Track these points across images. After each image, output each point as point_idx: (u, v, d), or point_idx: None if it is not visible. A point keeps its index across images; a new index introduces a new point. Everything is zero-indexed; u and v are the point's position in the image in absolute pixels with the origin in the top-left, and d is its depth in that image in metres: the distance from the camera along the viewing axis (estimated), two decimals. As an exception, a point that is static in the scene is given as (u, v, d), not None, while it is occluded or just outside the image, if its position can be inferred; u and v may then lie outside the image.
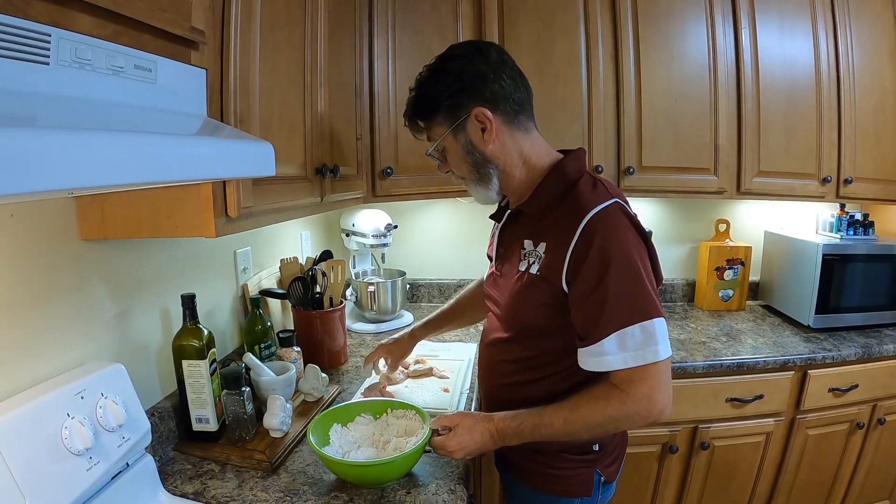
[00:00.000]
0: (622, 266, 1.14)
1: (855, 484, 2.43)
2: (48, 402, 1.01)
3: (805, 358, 2.20)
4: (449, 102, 1.28)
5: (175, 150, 0.77)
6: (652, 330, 1.14)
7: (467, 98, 1.27)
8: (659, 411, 1.16)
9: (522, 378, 1.34)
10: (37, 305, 1.11)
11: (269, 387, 1.57)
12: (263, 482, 1.31)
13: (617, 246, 1.15)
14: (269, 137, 1.28)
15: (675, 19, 2.38)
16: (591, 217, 1.17)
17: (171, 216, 1.15)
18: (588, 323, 1.17)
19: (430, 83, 1.31)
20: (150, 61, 0.89)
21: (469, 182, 1.36)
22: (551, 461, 1.35)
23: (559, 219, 1.23)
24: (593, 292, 1.15)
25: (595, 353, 1.16)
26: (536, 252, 1.27)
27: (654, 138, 2.41)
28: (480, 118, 1.27)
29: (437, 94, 1.29)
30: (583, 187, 1.24)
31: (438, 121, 1.31)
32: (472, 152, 1.31)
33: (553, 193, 1.28)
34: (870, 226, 2.58)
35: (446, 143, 1.32)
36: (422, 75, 1.34)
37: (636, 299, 1.15)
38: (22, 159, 0.52)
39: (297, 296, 1.99)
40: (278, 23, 1.35)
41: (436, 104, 1.30)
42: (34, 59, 0.69)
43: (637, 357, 1.14)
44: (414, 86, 1.35)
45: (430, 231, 2.95)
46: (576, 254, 1.17)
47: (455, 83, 1.27)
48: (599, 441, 1.35)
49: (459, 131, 1.29)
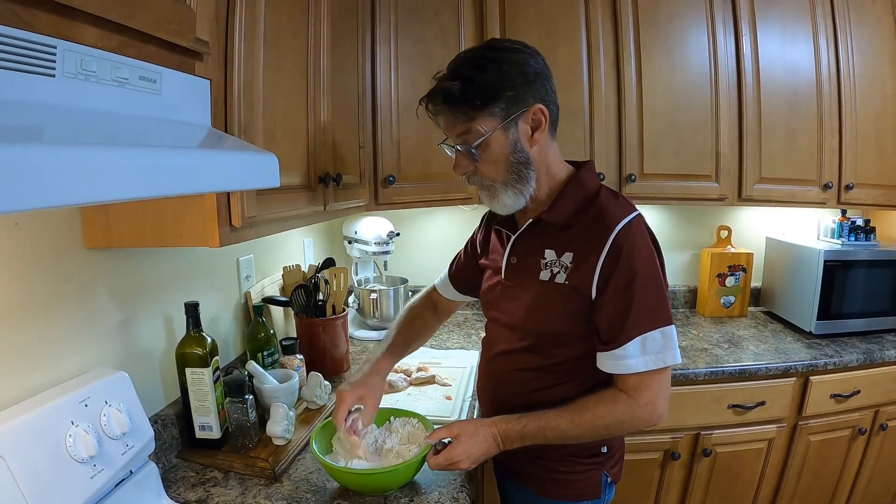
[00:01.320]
0: (647, 275, 1.20)
1: (857, 490, 2.42)
2: (52, 410, 1.01)
3: (807, 364, 2.20)
4: (511, 94, 1.20)
5: (180, 163, 0.77)
6: (671, 335, 1.21)
7: (529, 93, 1.22)
8: (659, 415, 1.23)
9: (538, 385, 1.34)
10: (41, 313, 1.11)
11: (272, 394, 1.57)
12: (267, 490, 1.31)
13: (642, 256, 1.20)
14: (273, 147, 1.29)
15: (677, 26, 2.39)
16: (621, 229, 1.20)
17: (176, 226, 1.16)
18: (613, 328, 1.20)
19: (492, 70, 1.20)
20: (154, 72, 0.90)
21: (500, 185, 1.28)
22: (558, 465, 1.36)
23: (586, 229, 1.24)
24: (620, 299, 1.19)
25: (618, 356, 1.20)
26: (561, 262, 1.26)
27: (656, 145, 2.42)
28: (537, 115, 1.23)
29: (499, 83, 1.19)
30: (605, 199, 1.27)
31: (492, 112, 1.21)
32: (518, 151, 1.25)
33: (575, 204, 1.28)
34: (871, 231, 2.58)
35: (493, 137, 1.22)
36: (473, 62, 1.22)
37: (658, 306, 1.21)
38: (28, 176, 0.53)
39: (299, 303, 1.99)
40: (282, 33, 1.36)
41: (496, 93, 1.20)
42: (40, 72, 0.70)
43: (658, 360, 1.19)
44: (462, 71, 1.22)
45: (433, 238, 2.96)
46: (607, 264, 1.19)
47: (520, 76, 1.20)
48: (607, 443, 1.37)
49: (511, 126, 1.22)
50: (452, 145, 1.30)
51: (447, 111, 1.24)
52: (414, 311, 1.71)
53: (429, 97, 1.26)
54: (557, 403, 1.26)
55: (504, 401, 1.38)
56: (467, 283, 1.64)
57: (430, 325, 1.73)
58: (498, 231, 1.46)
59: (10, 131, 0.61)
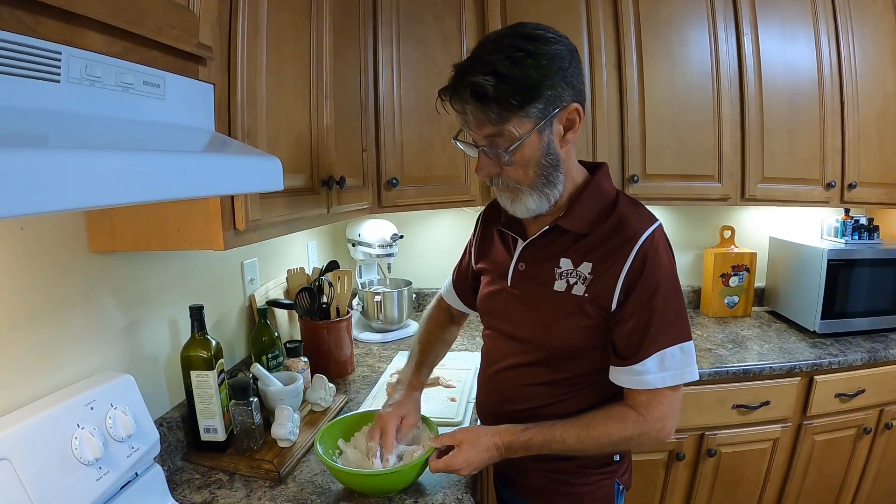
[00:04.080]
0: (668, 289, 1.15)
1: (863, 490, 2.42)
2: (59, 413, 1.02)
3: (811, 363, 2.20)
4: (550, 93, 1.09)
5: (184, 167, 0.78)
6: (690, 351, 1.16)
7: (566, 90, 1.11)
8: (667, 434, 1.19)
9: (546, 400, 1.28)
10: (47, 317, 1.12)
11: (277, 397, 1.57)
12: (272, 492, 1.32)
13: (664, 269, 1.16)
14: (276, 150, 1.30)
15: (678, 27, 2.39)
16: (644, 240, 1.15)
17: (180, 229, 1.17)
18: (632, 343, 1.16)
19: (529, 66, 1.06)
20: (158, 77, 0.91)
21: (526, 188, 1.19)
22: (570, 478, 1.32)
23: (607, 239, 1.18)
24: (641, 314, 1.15)
25: (636, 371, 1.15)
26: (579, 272, 1.19)
27: (658, 146, 2.42)
28: (572, 115, 1.14)
29: (538, 81, 1.07)
30: (625, 207, 1.21)
31: (528, 112, 1.09)
32: (550, 153, 1.15)
33: (594, 211, 1.21)
34: (875, 230, 2.57)
35: (529, 139, 1.11)
36: (506, 53, 1.07)
37: (678, 321, 1.17)
38: (34, 181, 0.53)
39: (303, 306, 2.00)
40: (284, 37, 1.37)
41: (534, 93, 1.07)
42: (45, 77, 0.71)
43: (675, 377, 1.15)
44: (495, 64, 1.06)
45: (436, 241, 2.96)
46: (630, 276, 1.14)
47: (558, 72, 1.09)
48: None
49: (546, 128, 1.12)
50: (471, 143, 1.18)
51: (476, 109, 1.10)
52: (432, 322, 1.65)
53: (453, 91, 1.12)
54: (565, 417, 1.22)
55: (508, 417, 1.29)
56: (470, 297, 1.57)
57: (450, 332, 1.68)
58: (502, 233, 1.38)
59: (16, 137, 0.62)
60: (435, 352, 1.59)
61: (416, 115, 2.21)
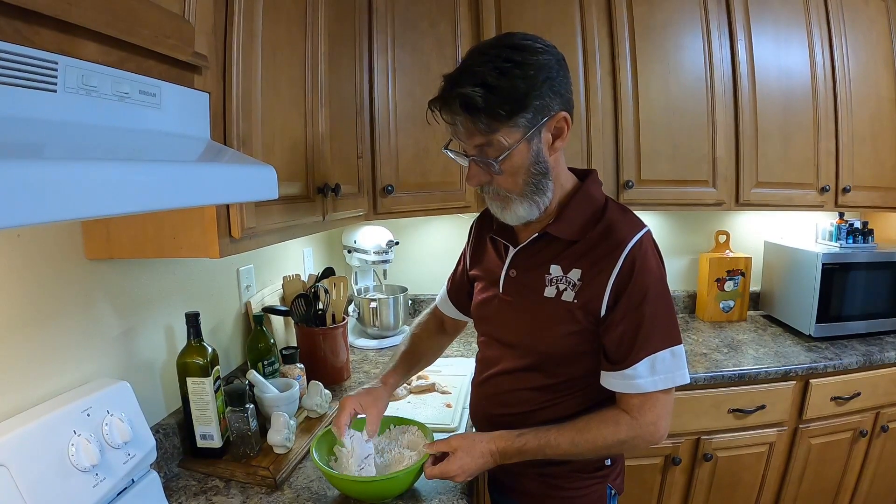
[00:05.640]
0: (657, 294, 1.17)
1: (860, 492, 2.42)
2: (55, 420, 1.02)
3: (807, 367, 2.21)
4: (538, 102, 1.10)
5: (180, 177, 0.79)
6: (680, 354, 1.18)
7: (554, 99, 1.13)
8: (661, 436, 1.21)
9: (539, 405, 1.29)
10: (43, 324, 1.13)
11: (273, 403, 1.58)
12: (268, 498, 1.32)
13: (653, 274, 1.18)
14: (272, 158, 1.31)
15: (672, 32, 2.40)
16: (633, 246, 1.16)
17: (176, 237, 1.17)
18: (623, 347, 1.17)
19: (517, 76, 1.08)
20: (154, 86, 0.92)
21: (516, 196, 1.20)
22: (563, 482, 1.32)
23: (596, 245, 1.20)
24: (631, 319, 1.16)
25: (627, 376, 1.17)
26: (568, 279, 1.21)
27: (653, 152, 2.43)
28: (560, 124, 1.15)
29: (526, 92, 1.09)
30: (613, 213, 1.23)
31: (517, 122, 1.11)
32: (539, 162, 1.16)
33: (584, 218, 1.23)
34: (869, 234, 2.59)
35: (516, 149, 1.13)
36: (494, 64, 1.08)
37: (668, 325, 1.18)
38: (30, 192, 0.54)
39: (299, 313, 2.00)
40: (279, 45, 1.38)
41: (522, 103, 1.09)
42: (42, 87, 0.71)
43: (666, 380, 1.17)
44: (483, 75, 1.08)
45: (432, 247, 2.97)
46: (619, 282, 1.16)
47: (546, 81, 1.11)
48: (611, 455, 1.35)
49: (534, 137, 1.14)
50: (461, 152, 1.20)
51: (465, 120, 1.12)
52: (421, 328, 1.65)
53: (443, 103, 1.13)
54: (558, 421, 1.23)
55: (501, 421, 1.31)
56: (465, 304, 1.56)
57: (439, 342, 1.68)
58: (494, 240, 1.39)
59: (12, 147, 0.62)
60: (418, 355, 1.59)
61: (412, 122, 2.22)
